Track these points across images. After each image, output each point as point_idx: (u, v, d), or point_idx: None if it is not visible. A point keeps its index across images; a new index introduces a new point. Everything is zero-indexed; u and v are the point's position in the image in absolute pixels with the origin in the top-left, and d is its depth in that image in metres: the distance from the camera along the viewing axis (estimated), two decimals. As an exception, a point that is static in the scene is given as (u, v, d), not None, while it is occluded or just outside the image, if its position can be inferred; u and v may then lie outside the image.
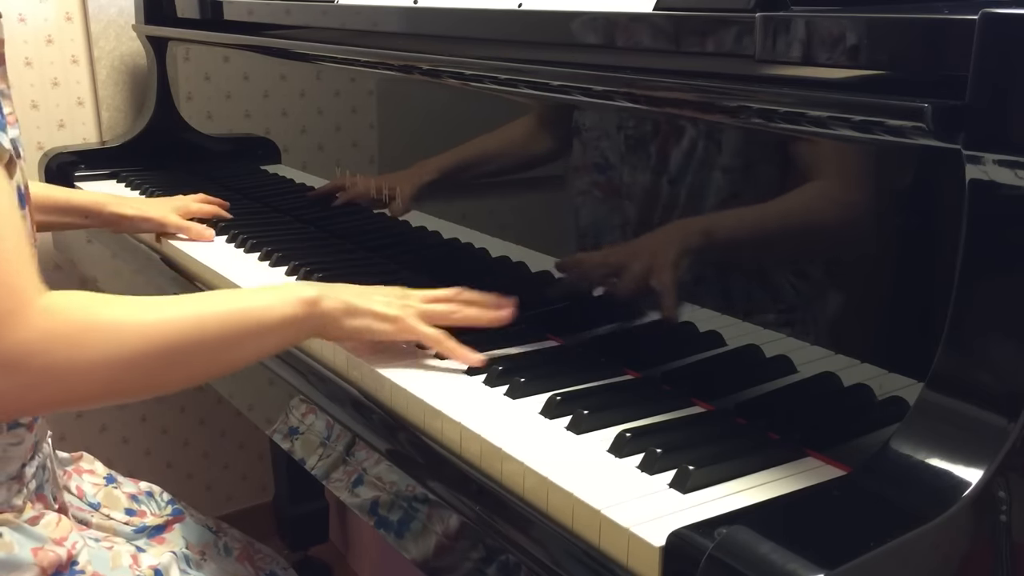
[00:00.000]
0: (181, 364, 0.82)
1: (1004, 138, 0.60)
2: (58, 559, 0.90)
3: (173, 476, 2.11)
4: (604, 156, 0.95)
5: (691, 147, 0.86)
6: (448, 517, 0.81)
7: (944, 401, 0.63)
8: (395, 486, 0.88)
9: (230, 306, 0.85)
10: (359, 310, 0.92)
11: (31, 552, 0.89)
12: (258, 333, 0.86)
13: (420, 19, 1.14)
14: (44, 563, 0.89)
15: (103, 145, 1.88)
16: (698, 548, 0.61)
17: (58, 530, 0.93)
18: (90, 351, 0.76)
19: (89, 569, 0.93)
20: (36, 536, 0.90)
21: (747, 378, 0.84)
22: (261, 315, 0.86)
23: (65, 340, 0.75)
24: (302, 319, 0.89)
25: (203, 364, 0.84)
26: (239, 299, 0.89)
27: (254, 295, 0.90)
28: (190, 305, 0.84)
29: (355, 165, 1.34)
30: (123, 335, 0.78)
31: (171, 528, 1.08)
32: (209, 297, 0.90)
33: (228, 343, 0.84)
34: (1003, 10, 0.59)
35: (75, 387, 0.78)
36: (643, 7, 0.85)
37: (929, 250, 0.70)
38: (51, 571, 0.90)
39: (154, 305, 0.82)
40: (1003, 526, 0.62)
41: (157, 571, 0.98)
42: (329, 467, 0.99)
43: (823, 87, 0.71)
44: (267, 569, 1.16)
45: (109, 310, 0.79)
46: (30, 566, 0.88)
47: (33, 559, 0.89)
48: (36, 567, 0.89)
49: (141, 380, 0.81)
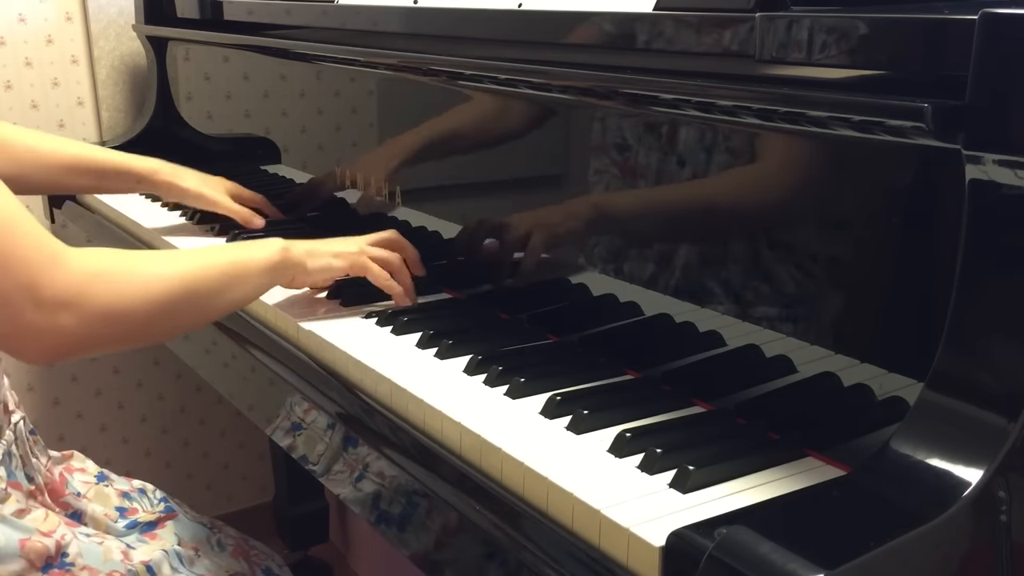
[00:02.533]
0: (197, 306, 0.97)
1: (1004, 138, 0.60)
2: (46, 550, 0.90)
3: (173, 476, 2.11)
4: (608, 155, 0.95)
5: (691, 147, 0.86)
6: (448, 517, 0.81)
7: (944, 401, 0.63)
8: (395, 485, 0.88)
9: (226, 258, 1.01)
10: (319, 252, 1.09)
11: (18, 543, 0.89)
12: (248, 277, 1.01)
13: (420, 19, 1.14)
14: (32, 555, 0.89)
15: (103, 145, 1.88)
16: (698, 548, 0.61)
17: (46, 524, 0.93)
18: (130, 292, 0.89)
19: (79, 562, 0.92)
20: (22, 527, 0.90)
21: (747, 378, 0.84)
22: (250, 263, 1.02)
23: (108, 281, 0.88)
24: (279, 264, 1.04)
25: (211, 306, 0.99)
26: (230, 252, 1.05)
27: (241, 248, 1.04)
28: (197, 257, 1.00)
29: (355, 165, 1.34)
30: (155, 281, 0.92)
31: (163, 525, 1.08)
32: (208, 251, 1.06)
33: (227, 287, 0.99)
34: (1003, 10, 0.59)
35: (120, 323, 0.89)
36: (643, 7, 0.85)
37: (929, 250, 0.70)
38: (40, 563, 0.90)
39: (167, 258, 1.00)
40: (1003, 526, 0.62)
41: (149, 567, 0.98)
42: (328, 466, 0.99)
43: (823, 87, 0.71)
44: (262, 565, 1.16)
45: (138, 261, 0.93)
46: (17, 557, 0.88)
47: (20, 550, 0.89)
48: (23, 559, 0.89)
49: (168, 322, 0.95)
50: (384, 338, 1.03)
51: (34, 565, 0.90)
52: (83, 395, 1.99)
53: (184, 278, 0.94)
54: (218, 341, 1.22)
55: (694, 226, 0.89)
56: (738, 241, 0.84)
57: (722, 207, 0.87)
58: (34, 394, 1.92)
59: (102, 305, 0.87)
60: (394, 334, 1.03)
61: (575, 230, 1.00)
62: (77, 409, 1.98)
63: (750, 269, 0.83)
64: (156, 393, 2.07)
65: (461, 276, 1.16)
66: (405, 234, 1.17)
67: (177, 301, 0.93)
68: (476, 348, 0.96)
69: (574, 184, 1.02)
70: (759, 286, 0.83)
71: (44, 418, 1.93)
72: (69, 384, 1.96)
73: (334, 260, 1.09)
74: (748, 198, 0.84)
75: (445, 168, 1.21)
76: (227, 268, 0.99)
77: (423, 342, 1.00)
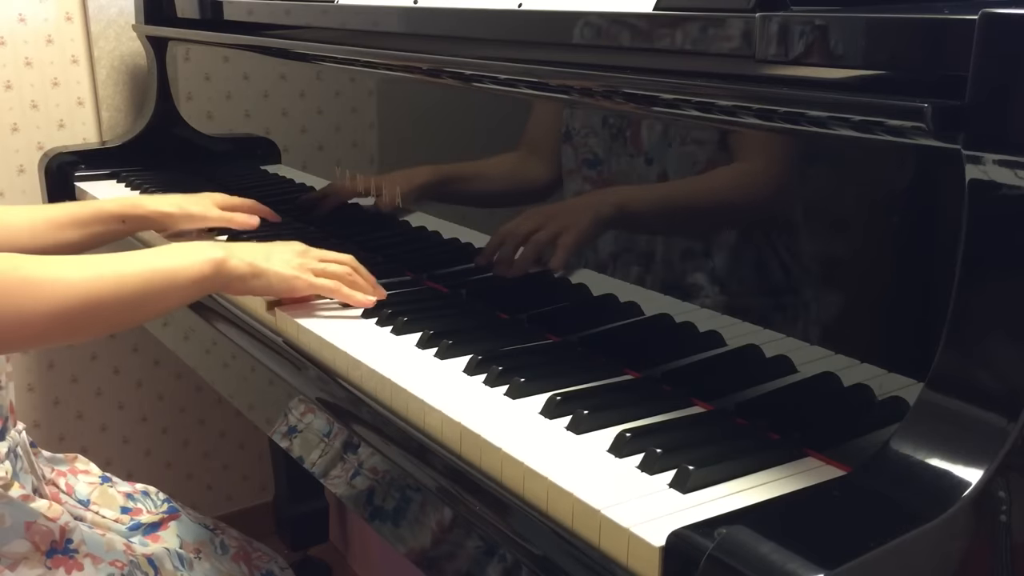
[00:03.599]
0: (102, 317, 0.91)
1: (1004, 138, 0.60)
2: (51, 534, 0.91)
3: (173, 476, 2.11)
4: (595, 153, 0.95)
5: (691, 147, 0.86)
6: (448, 516, 0.81)
7: (944, 401, 0.63)
8: (395, 484, 0.88)
9: (146, 266, 0.94)
10: (262, 271, 1.03)
11: (24, 524, 0.89)
12: (170, 290, 0.96)
13: (420, 19, 1.14)
14: (36, 537, 0.89)
15: (103, 145, 1.88)
16: (698, 548, 0.61)
17: (50, 511, 0.93)
18: (23, 305, 0.84)
19: (83, 549, 0.93)
20: (28, 511, 0.91)
21: (747, 378, 0.84)
22: (174, 274, 0.96)
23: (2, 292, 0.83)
24: (210, 277, 0.99)
25: (120, 317, 0.94)
26: (154, 259, 0.97)
27: (168, 254, 0.98)
28: (111, 264, 0.93)
29: (355, 165, 1.34)
30: (53, 291, 0.86)
31: (166, 526, 1.09)
32: (128, 257, 0.97)
33: (143, 299, 0.93)
34: (1003, 10, 0.59)
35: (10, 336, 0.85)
36: (643, 7, 0.85)
37: (929, 250, 0.70)
38: (45, 547, 0.90)
39: (78, 264, 0.91)
40: (1003, 526, 0.62)
41: (151, 560, 0.98)
42: (328, 464, 0.99)
43: (823, 87, 0.71)
44: (264, 568, 1.16)
45: (38, 268, 0.87)
46: (21, 539, 0.88)
47: (25, 532, 0.89)
48: (27, 541, 0.89)
49: (67, 331, 0.90)
50: (384, 338, 1.03)
51: (38, 547, 0.90)
52: (83, 395, 1.99)
53: (90, 288, 0.88)
54: (218, 341, 1.22)
55: (694, 226, 0.89)
56: (738, 241, 0.84)
57: (722, 207, 0.87)
58: (34, 394, 1.92)
59: None
60: (394, 334, 1.03)
61: (578, 230, 1.00)
62: (77, 409, 1.98)
63: (750, 269, 0.83)
64: (156, 393, 2.07)
65: (461, 276, 1.16)
66: (406, 234, 1.17)
67: (78, 313, 0.88)
68: (476, 348, 0.96)
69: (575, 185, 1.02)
70: (759, 286, 0.83)
71: (44, 418, 1.93)
72: (69, 384, 1.96)
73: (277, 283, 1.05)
74: (748, 198, 0.84)
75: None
76: (147, 278, 0.93)
77: (423, 342, 1.00)
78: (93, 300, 0.89)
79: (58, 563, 0.91)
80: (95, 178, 1.79)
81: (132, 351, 2.01)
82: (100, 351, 1.98)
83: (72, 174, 1.78)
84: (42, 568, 0.90)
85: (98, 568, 0.93)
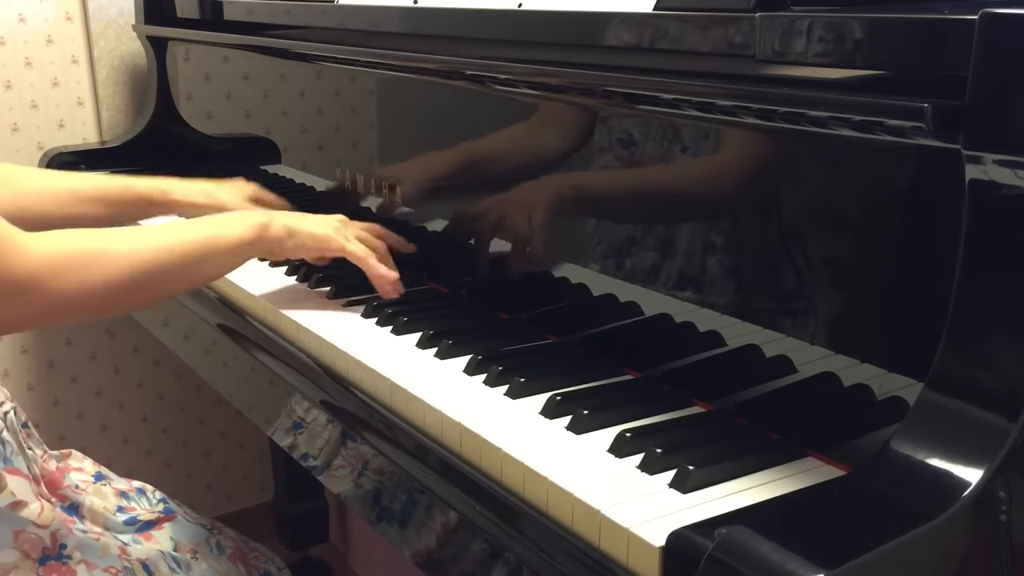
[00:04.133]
0: (158, 284, 0.96)
1: (1004, 138, 0.60)
2: (40, 542, 0.90)
3: (173, 476, 2.11)
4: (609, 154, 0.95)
5: (691, 147, 0.86)
6: (448, 516, 0.81)
7: (944, 401, 0.63)
8: (394, 485, 0.88)
9: (196, 234, 1.00)
10: (297, 231, 1.08)
11: (11, 534, 0.89)
12: (218, 254, 1.01)
13: (420, 19, 1.14)
14: (25, 545, 0.89)
15: (103, 145, 1.88)
16: (698, 548, 0.61)
17: (41, 517, 0.92)
18: (90, 275, 0.88)
19: (77, 555, 0.92)
20: (16, 520, 0.90)
21: (747, 378, 0.84)
22: (221, 240, 1.01)
23: (68, 266, 0.87)
24: (254, 242, 1.04)
25: (175, 283, 0.99)
26: (203, 227, 1.02)
27: (215, 223, 1.03)
28: (169, 235, 0.98)
29: (355, 165, 1.34)
30: (121, 262, 0.91)
31: (160, 526, 1.08)
32: (178, 227, 1.03)
33: (195, 265, 0.99)
34: (1003, 10, 0.59)
35: (80, 306, 0.89)
36: (643, 7, 0.85)
37: (929, 250, 0.70)
38: (36, 555, 0.90)
39: (140, 236, 0.96)
40: (1003, 526, 0.62)
41: (145, 565, 0.98)
42: (327, 464, 0.99)
43: (823, 87, 0.71)
44: (262, 568, 1.16)
45: (105, 242, 0.92)
46: (10, 549, 0.88)
47: (13, 541, 0.89)
48: (16, 551, 0.88)
49: (129, 299, 0.95)
50: (384, 338, 1.03)
51: (29, 555, 0.89)
52: (83, 395, 1.99)
53: (148, 257, 0.93)
54: (218, 341, 1.22)
55: (693, 226, 0.89)
56: (738, 241, 0.84)
57: (722, 207, 0.86)
58: (34, 394, 1.92)
59: (58, 292, 0.86)
60: (394, 334, 1.03)
61: (577, 229, 1.00)
62: (77, 409, 1.98)
63: (750, 269, 0.83)
64: (156, 393, 2.07)
65: (461, 275, 1.16)
66: (403, 233, 1.17)
67: (142, 281, 0.93)
68: (476, 348, 0.96)
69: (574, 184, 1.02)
70: (759, 286, 0.83)
71: (44, 418, 1.93)
72: (69, 384, 1.96)
73: (310, 240, 1.09)
74: (748, 198, 0.84)
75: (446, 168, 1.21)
76: (197, 245, 0.98)
77: (423, 342, 1.00)
78: (154, 268, 0.94)
79: (51, 570, 0.91)
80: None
81: (132, 351, 2.01)
82: (100, 351, 1.98)
83: (72, 174, 1.78)
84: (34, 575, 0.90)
85: (92, 574, 0.93)
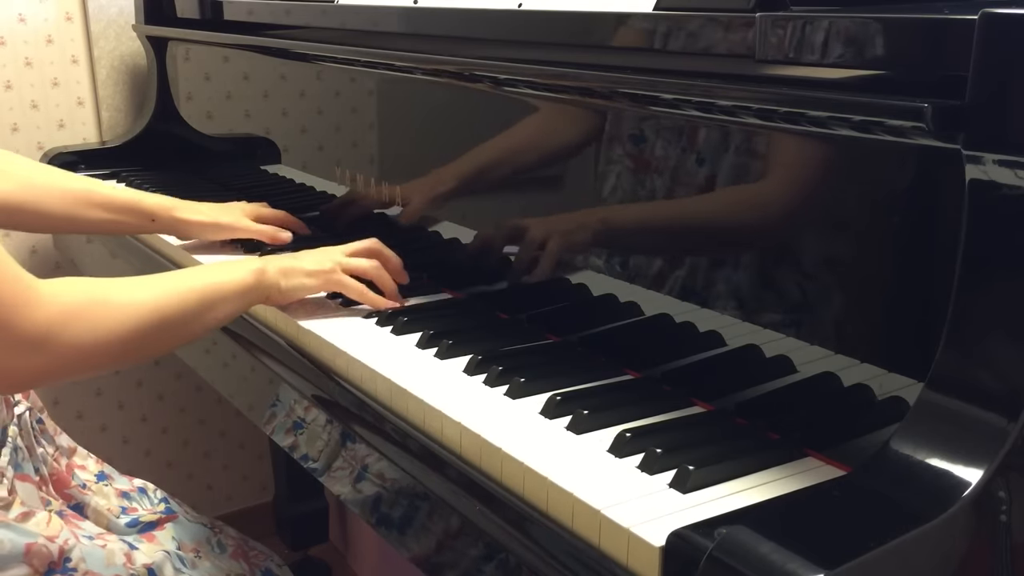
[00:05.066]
0: (171, 332, 0.96)
1: (1004, 138, 0.60)
2: (50, 555, 0.90)
3: (173, 476, 2.11)
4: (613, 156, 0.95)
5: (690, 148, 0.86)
6: (448, 516, 0.81)
7: (944, 401, 0.63)
8: (395, 485, 0.88)
9: (202, 281, 1.00)
10: (292, 271, 1.08)
11: (24, 547, 0.89)
12: (224, 301, 1.01)
13: (420, 19, 1.14)
14: (36, 560, 0.89)
15: (103, 145, 1.88)
16: (698, 548, 0.61)
17: (49, 528, 0.93)
18: (104, 325, 0.88)
19: (82, 567, 0.93)
20: (27, 532, 0.91)
21: (747, 378, 0.84)
22: (226, 286, 1.01)
23: (81, 317, 0.86)
24: (253, 286, 1.04)
25: (185, 330, 0.99)
26: (207, 275, 1.02)
27: (217, 270, 1.03)
28: (171, 282, 0.98)
29: (355, 165, 1.34)
30: (128, 311, 0.90)
31: (162, 527, 1.08)
32: (184, 275, 1.03)
33: (203, 311, 0.99)
34: (1003, 10, 0.59)
35: (94, 358, 0.88)
36: (643, 7, 0.85)
37: (929, 250, 0.70)
38: (43, 568, 0.90)
39: (144, 285, 0.95)
40: (1003, 526, 0.62)
41: (151, 570, 0.98)
42: (326, 464, 0.99)
43: (823, 87, 0.71)
44: (262, 566, 1.16)
45: (110, 291, 0.91)
46: (20, 563, 0.89)
47: (24, 555, 0.89)
48: (27, 565, 0.89)
49: (143, 348, 0.94)
50: (384, 338, 1.03)
51: (37, 570, 0.90)
52: (83, 395, 1.99)
53: (157, 306, 0.93)
54: (218, 341, 1.22)
55: (693, 227, 0.89)
56: (738, 241, 0.84)
57: (721, 208, 0.86)
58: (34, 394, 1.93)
59: (74, 342, 0.85)
60: (394, 334, 1.03)
61: (576, 230, 1.00)
62: (77, 409, 1.98)
63: (750, 269, 0.83)
64: (156, 393, 2.07)
65: (461, 276, 1.16)
66: (405, 233, 1.17)
67: (150, 330, 0.92)
68: (476, 348, 0.96)
69: (574, 185, 1.02)
70: (759, 286, 0.83)
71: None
72: (69, 384, 1.96)
73: (307, 279, 1.09)
74: (748, 199, 0.84)
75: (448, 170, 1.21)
76: (201, 293, 0.98)
77: (423, 342, 1.00)
78: (163, 317, 0.93)
79: None
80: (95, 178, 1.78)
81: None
82: (100, 351, 1.98)
83: (72, 174, 1.78)
84: None
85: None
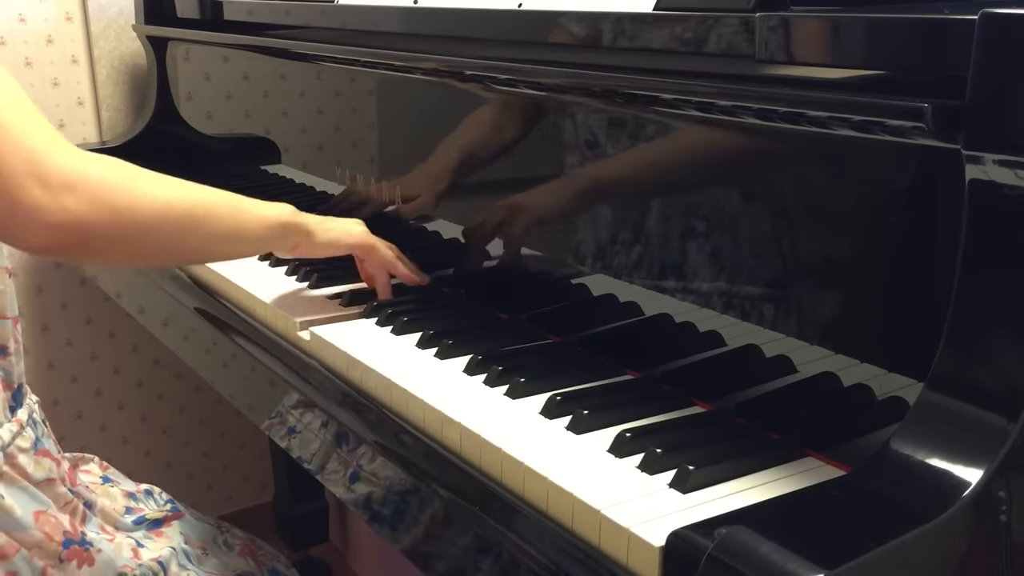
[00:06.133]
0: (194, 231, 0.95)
1: (1004, 138, 0.60)
2: (60, 525, 0.90)
3: (173, 476, 2.11)
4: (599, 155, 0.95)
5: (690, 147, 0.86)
6: (448, 516, 0.81)
7: (944, 401, 0.63)
8: (393, 484, 0.88)
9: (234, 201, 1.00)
10: (330, 226, 1.09)
11: (32, 516, 0.89)
12: (252, 227, 1.01)
13: (420, 19, 1.14)
14: (47, 527, 0.89)
15: (103, 145, 1.88)
16: (698, 548, 0.61)
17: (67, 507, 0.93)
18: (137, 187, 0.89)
19: (94, 551, 0.93)
20: (41, 500, 0.90)
21: (747, 378, 0.84)
22: (255, 213, 1.01)
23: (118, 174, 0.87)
24: (286, 224, 1.04)
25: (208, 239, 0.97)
26: (240, 198, 1.02)
27: (251, 201, 1.02)
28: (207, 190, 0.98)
29: (355, 165, 1.34)
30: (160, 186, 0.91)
31: (169, 524, 1.09)
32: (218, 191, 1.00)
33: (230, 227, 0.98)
34: (1003, 10, 0.59)
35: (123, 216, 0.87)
36: (643, 7, 0.85)
37: (929, 250, 0.70)
38: (59, 538, 0.90)
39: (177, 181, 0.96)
40: (1003, 526, 0.62)
41: (160, 562, 0.98)
42: (324, 464, 0.99)
43: (823, 87, 0.71)
44: (269, 565, 1.16)
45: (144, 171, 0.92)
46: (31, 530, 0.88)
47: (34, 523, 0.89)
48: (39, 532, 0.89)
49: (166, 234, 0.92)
50: (384, 338, 1.03)
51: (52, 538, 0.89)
52: (83, 395, 1.99)
53: (191, 198, 0.93)
54: (218, 341, 1.22)
55: (693, 226, 0.89)
56: (738, 241, 0.84)
57: (722, 207, 0.86)
58: (34, 396, 1.93)
59: (107, 191, 0.85)
60: (394, 334, 1.03)
61: (576, 230, 1.00)
62: (77, 409, 1.98)
63: (750, 269, 0.83)
64: (156, 393, 2.07)
65: (461, 276, 1.16)
66: (403, 233, 1.17)
67: (180, 215, 0.92)
68: (476, 348, 0.96)
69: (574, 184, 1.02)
70: (759, 285, 0.83)
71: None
72: (69, 384, 1.96)
73: (344, 236, 1.10)
74: (748, 198, 0.84)
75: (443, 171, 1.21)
76: (234, 209, 0.98)
77: (423, 342, 1.00)
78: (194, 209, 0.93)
79: (73, 554, 0.91)
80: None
81: (132, 351, 2.01)
82: (100, 351, 1.98)
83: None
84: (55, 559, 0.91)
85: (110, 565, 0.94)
